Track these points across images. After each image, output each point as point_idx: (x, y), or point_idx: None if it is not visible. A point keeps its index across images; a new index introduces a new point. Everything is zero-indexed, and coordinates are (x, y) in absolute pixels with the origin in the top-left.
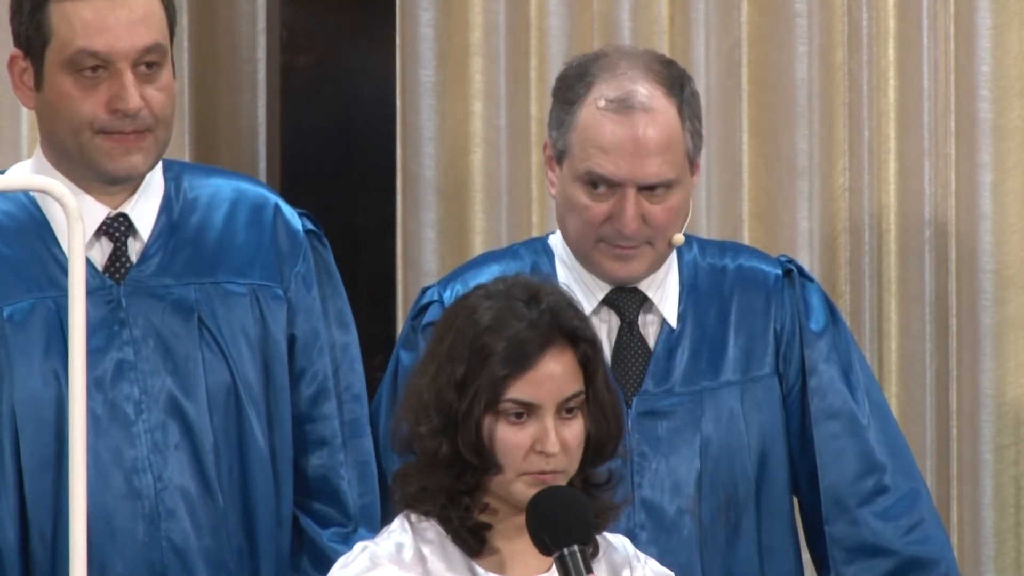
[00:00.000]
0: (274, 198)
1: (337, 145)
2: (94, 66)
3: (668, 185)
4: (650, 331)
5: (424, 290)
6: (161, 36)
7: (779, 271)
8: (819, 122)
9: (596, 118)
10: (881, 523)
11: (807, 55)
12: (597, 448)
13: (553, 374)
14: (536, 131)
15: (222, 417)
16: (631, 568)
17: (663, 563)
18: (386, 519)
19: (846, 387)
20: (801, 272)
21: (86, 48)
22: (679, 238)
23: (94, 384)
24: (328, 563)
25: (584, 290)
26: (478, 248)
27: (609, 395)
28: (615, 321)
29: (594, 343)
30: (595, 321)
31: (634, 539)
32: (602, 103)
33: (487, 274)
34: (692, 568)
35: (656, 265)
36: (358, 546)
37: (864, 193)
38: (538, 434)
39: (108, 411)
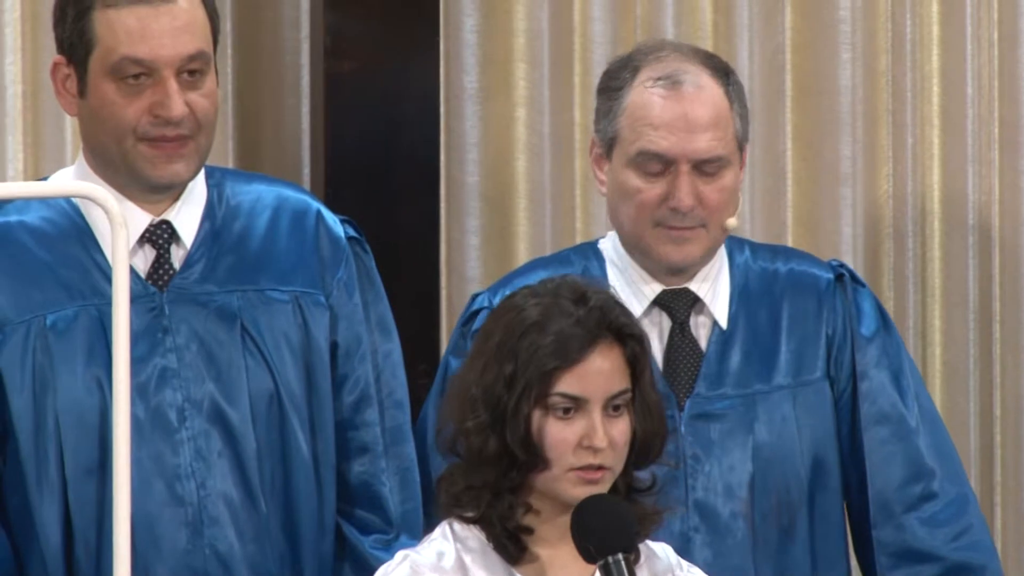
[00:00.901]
0: (316, 204)
1: (381, 151)
2: (137, 73)
3: (720, 162)
4: (701, 332)
5: (474, 296)
6: (205, 43)
7: (831, 275)
8: (863, 128)
9: (645, 97)
10: (928, 529)
11: (851, 61)
12: (643, 448)
13: (601, 369)
14: (580, 137)
15: (265, 424)
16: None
17: (716, 566)
18: (430, 525)
19: (896, 392)
20: (853, 277)
21: (130, 55)
22: (732, 222)
23: (137, 391)
24: (370, 570)
25: (636, 291)
26: (522, 254)
27: (655, 395)
28: (666, 322)
29: (641, 341)
30: (646, 323)
31: (688, 542)
32: (649, 83)
33: (537, 280)
34: (745, 571)
35: (710, 252)
36: (399, 554)
37: (908, 199)
38: (586, 429)
39: (151, 418)
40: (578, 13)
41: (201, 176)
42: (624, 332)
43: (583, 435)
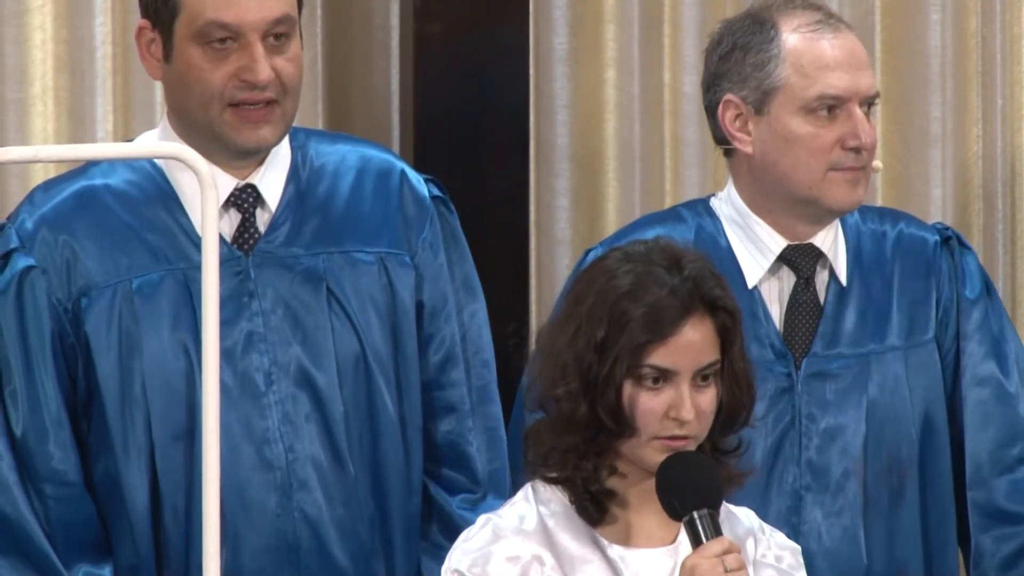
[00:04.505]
0: (400, 164)
1: (470, 112)
2: (223, 38)
3: (877, 100)
4: (821, 289)
5: (587, 252)
6: (290, 7)
7: (937, 237)
8: (952, 90)
9: (809, 41)
10: (1019, 492)
11: (940, 23)
12: (729, 417)
13: (692, 342)
14: (669, 98)
15: (352, 386)
16: (755, 540)
17: (827, 525)
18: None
19: (998, 356)
20: (959, 239)
21: (216, 20)
22: (878, 164)
23: (224, 356)
24: (456, 530)
25: (760, 248)
26: (611, 215)
27: (744, 365)
28: (788, 279)
29: (733, 313)
30: (770, 280)
31: (800, 500)
32: (806, 29)
33: (651, 236)
34: (856, 530)
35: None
36: (481, 518)
37: (997, 161)
38: (674, 400)
39: (238, 383)
40: None
41: (285, 138)
42: (717, 305)
43: (670, 405)
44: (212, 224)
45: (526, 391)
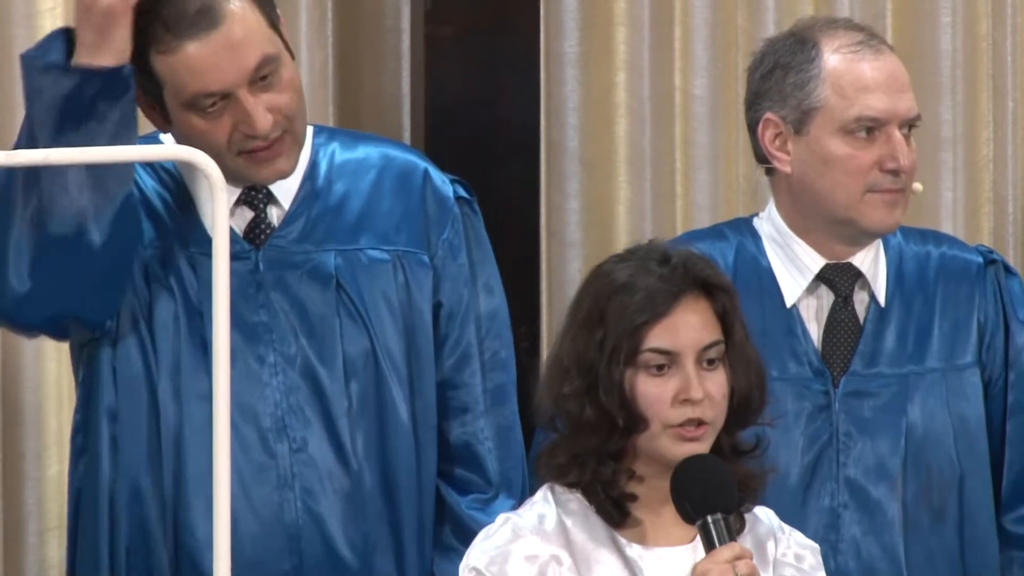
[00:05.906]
0: (424, 164)
1: (480, 116)
2: (213, 102)
3: (918, 123)
4: (859, 309)
5: None
6: (267, 45)
7: (980, 260)
8: (963, 93)
9: (850, 62)
10: None
11: (951, 26)
12: (742, 403)
13: (690, 321)
14: (680, 101)
15: (360, 384)
16: (775, 540)
17: (865, 543)
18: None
19: None
20: (1005, 265)
21: (200, 91)
22: (918, 186)
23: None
24: (467, 531)
25: (799, 266)
26: (622, 218)
27: (751, 348)
28: (827, 297)
29: (729, 291)
30: (808, 298)
31: (838, 518)
32: (847, 49)
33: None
34: (895, 550)
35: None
36: (500, 517)
37: (1008, 164)
38: (681, 384)
39: (243, 375)
40: None
41: (308, 135)
42: (710, 283)
43: (679, 390)
44: (223, 228)
45: (535, 409)
